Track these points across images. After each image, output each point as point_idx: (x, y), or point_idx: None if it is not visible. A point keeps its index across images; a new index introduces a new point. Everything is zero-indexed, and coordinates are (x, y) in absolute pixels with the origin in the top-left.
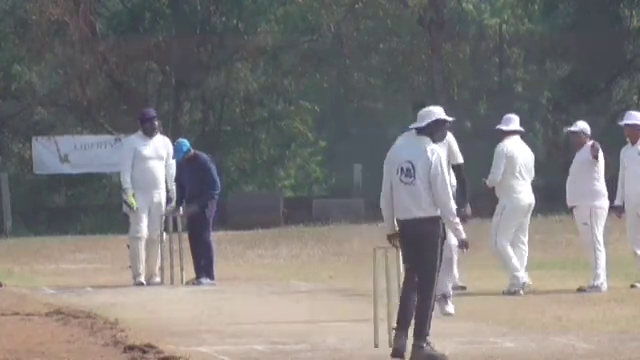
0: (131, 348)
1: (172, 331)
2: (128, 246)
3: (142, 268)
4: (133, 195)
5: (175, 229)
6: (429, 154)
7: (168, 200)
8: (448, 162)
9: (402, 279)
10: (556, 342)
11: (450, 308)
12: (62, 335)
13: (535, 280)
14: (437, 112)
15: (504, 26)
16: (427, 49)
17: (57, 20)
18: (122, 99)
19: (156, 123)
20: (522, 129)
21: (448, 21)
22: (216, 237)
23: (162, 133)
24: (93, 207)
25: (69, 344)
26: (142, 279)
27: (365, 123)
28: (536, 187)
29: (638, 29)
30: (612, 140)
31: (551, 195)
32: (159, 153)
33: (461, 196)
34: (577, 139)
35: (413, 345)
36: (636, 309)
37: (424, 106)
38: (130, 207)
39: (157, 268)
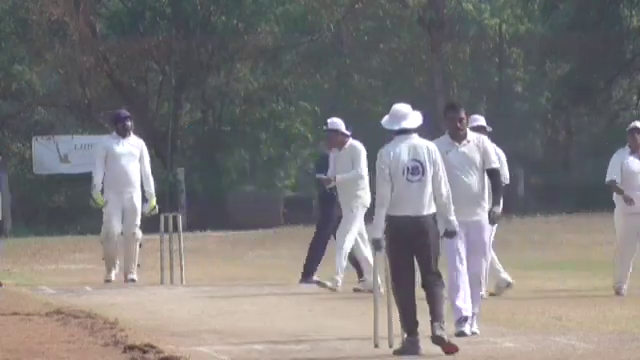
0: (131, 348)
1: (172, 331)
2: (102, 242)
3: (116, 265)
4: (101, 192)
5: (175, 229)
6: (433, 152)
7: (145, 200)
8: (483, 166)
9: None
10: (556, 342)
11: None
12: (62, 335)
13: (535, 280)
14: (416, 113)
15: (504, 26)
16: (427, 49)
17: (57, 20)
18: (122, 99)
19: (129, 123)
20: None
21: (448, 21)
22: (216, 237)
23: (135, 134)
24: (93, 207)
25: (69, 344)
26: (112, 276)
27: (365, 124)
28: (536, 187)
29: (638, 29)
30: (612, 140)
31: (551, 195)
32: (132, 152)
33: (493, 199)
34: None
35: (435, 325)
36: (636, 309)
37: (454, 108)
38: (96, 203)
39: (134, 266)
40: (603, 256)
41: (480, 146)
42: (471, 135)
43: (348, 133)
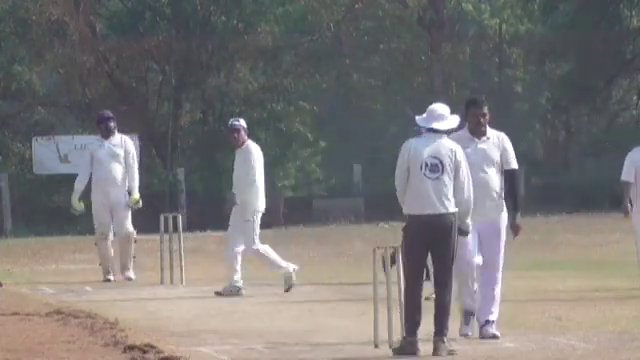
0: (131, 348)
1: (172, 331)
2: (96, 244)
3: (111, 265)
4: (80, 200)
5: (175, 229)
6: (456, 153)
7: (128, 193)
8: (501, 166)
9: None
10: (556, 342)
11: (469, 329)
12: (62, 335)
13: (535, 280)
14: (453, 117)
15: (504, 26)
16: (427, 49)
17: (57, 20)
18: (122, 99)
19: (111, 124)
20: None
21: (448, 21)
22: (216, 237)
23: (120, 132)
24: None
25: (69, 344)
26: (111, 276)
27: (365, 123)
28: (536, 187)
29: (638, 29)
30: (612, 140)
31: (551, 195)
32: (115, 153)
33: (511, 204)
34: None
35: (436, 340)
36: (636, 309)
37: (476, 104)
38: (74, 209)
39: (131, 264)
40: (603, 256)
41: (500, 144)
42: (491, 132)
43: (247, 133)
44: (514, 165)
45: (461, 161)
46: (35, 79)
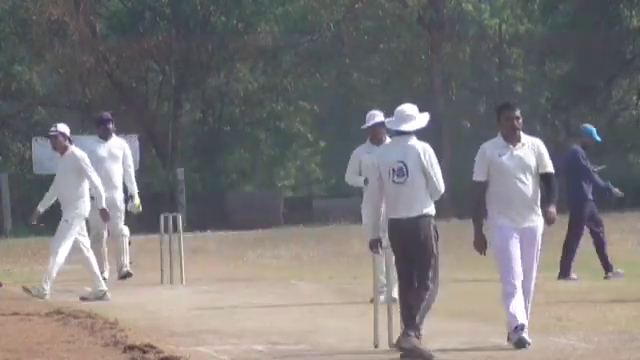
0: (131, 348)
1: (172, 331)
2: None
3: (106, 264)
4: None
5: (175, 229)
6: (425, 153)
7: (129, 198)
8: (537, 170)
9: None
10: (556, 342)
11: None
12: (62, 335)
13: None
14: (422, 116)
15: (504, 26)
16: (427, 49)
17: (57, 20)
18: (122, 99)
19: (110, 126)
20: None
21: (448, 21)
22: (216, 237)
23: (120, 132)
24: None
25: (69, 344)
26: (106, 274)
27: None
28: None
29: (638, 29)
30: (612, 140)
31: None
32: (114, 154)
33: (548, 199)
34: None
35: (402, 332)
36: (636, 309)
37: (509, 107)
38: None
39: (127, 261)
40: None
41: (536, 149)
42: (525, 138)
43: (71, 139)
44: (550, 169)
45: (431, 160)
46: (35, 79)
